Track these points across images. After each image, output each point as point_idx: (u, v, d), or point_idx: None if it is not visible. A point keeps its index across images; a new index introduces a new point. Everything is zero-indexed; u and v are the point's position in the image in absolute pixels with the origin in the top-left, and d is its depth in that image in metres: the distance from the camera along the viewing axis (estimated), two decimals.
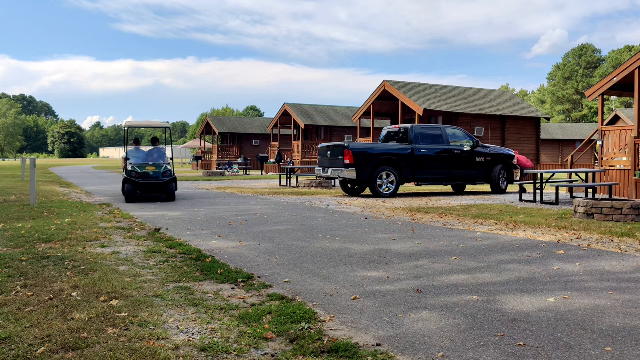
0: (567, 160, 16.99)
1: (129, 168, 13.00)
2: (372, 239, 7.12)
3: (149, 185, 12.83)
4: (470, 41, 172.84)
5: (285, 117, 38.81)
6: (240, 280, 4.76)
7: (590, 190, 13.05)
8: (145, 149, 14.51)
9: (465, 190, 16.97)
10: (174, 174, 13.49)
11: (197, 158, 47.93)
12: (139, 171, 12.80)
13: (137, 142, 14.55)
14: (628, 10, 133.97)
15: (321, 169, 15.40)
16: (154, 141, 14.61)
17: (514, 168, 16.23)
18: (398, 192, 15.08)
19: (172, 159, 14.48)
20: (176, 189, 13.82)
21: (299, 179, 20.37)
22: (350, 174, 14.02)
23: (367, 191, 15.68)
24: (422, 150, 14.77)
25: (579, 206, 9.40)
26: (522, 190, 13.33)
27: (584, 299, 4.16)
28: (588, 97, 14.77)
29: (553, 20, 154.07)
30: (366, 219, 9.46)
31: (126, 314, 3.70)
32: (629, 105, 65.56)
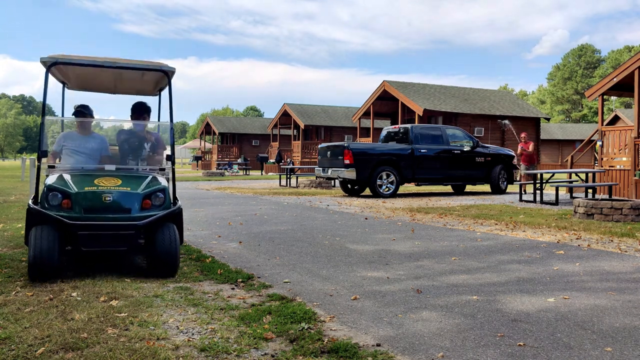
0: (567, 160, 16.99)
1: (51, 181, 5.06)
2: (372, 239, 7.12)
3: (102, 235, 4.77)
4: (471, 41, 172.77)
5: (285, 117, 38.82)
6: (240, 280, 4.76)
7: (590, 191, 13.05)
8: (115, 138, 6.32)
9: (465, 191, 16.97)
10: (173, 200, 5.41)
11: (197, 158, 47.98)
12: (73, 191, 4.85)
13: (81, 112, 5.93)
14: (630, 10, 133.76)
15: (321, 169, 15.40)
16: (138, 112, 6.20)
17: (513, 168, 16.24)
18: (398, 192, 15.08)
19: (171, 156, 5.53)
20: (181, 240, 5.30)
21: (298, 179, 20.38)
22: (350, 174, 14.02)
23: (367, 191, 15.67)
24: (422, 151, 14.77)
25: (578, 206, 9.40)
26: (522, 191, 13.34)
27: (584, 299, 4.16)
28: (588, 97, 14.78)
29: (555, 21, 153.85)
30: (366, 219, 9.46)
31: (126, 314, 3.69)
32: (628, 106, 65.56)
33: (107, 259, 5.68)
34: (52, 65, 5.30)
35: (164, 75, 5.85)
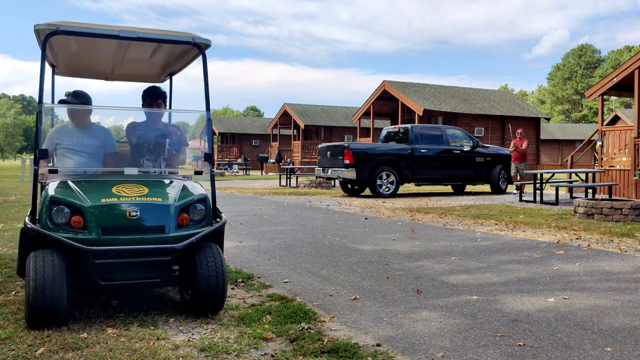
0: (567, 160, 16.99)
1: (53, 191, 3.70)
2: (372, 239, 7.12)
3: (128, 263, 3.55)
4: (471, 41, 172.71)
5: (285, 117, 38.83)
6: (240, 280, 4.76)
7: (590, 191, 13.05)
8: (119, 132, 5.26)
9: (465, 190, 16.97)
10: (214, 212, 4.21)
11: (197, 158, 47.97)
12: (86, 204, 3.55)
13: (69, 100, 4.49)
14: (630, 10, 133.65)
15: (321, 169, 15.40)
16: (151, 97, 4.78)
17: None
18: (398, 192, 15.09)
19: (209, 154, 4.74)
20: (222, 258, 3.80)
21: (298, 179, 20.38)
22: (350, 174, 14.02)
23: (367, 191, 15.67)
24: (422, 151, 14.77)
25: (578, 206, 9.40)
26: (522, 191, 13.34)
27: (584, 299, 4.16)
28: (588, 97, 14.78)
29: (555, 21, 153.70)
30: (366, 219, 9.46)
31: (126, 314, 3.69)
32: (628, 106, 65.55)
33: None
34: (52, 35, 3.82)
35: (178, 56, 4.74)
